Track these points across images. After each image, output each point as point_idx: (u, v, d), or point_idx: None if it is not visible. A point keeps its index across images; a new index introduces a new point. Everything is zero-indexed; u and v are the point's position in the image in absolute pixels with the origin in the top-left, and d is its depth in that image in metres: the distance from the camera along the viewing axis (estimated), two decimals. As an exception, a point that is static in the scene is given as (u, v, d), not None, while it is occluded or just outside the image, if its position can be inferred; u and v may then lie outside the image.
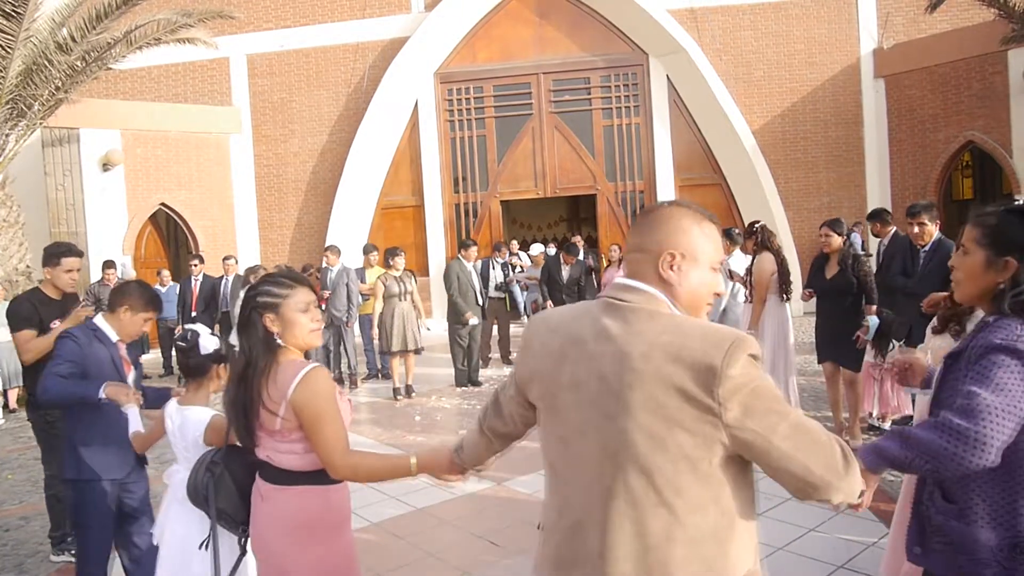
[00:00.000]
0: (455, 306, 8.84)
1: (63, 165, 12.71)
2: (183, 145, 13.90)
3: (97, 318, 3.26)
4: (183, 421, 2.66)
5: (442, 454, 1.97)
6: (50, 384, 3.00)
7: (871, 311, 5.60)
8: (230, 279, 9.95)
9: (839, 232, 5.79)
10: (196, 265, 10.19)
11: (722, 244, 1.63)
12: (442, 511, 4.74)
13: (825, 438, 1.42)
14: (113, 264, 10.70)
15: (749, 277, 6.68)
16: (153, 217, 13.88)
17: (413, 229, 14.92)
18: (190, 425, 2.63)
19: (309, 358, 2.21)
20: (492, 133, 14.77)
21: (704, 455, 1.38)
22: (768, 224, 7.00)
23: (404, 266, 8.64)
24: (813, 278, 5.97)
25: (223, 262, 10.30)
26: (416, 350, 8.52)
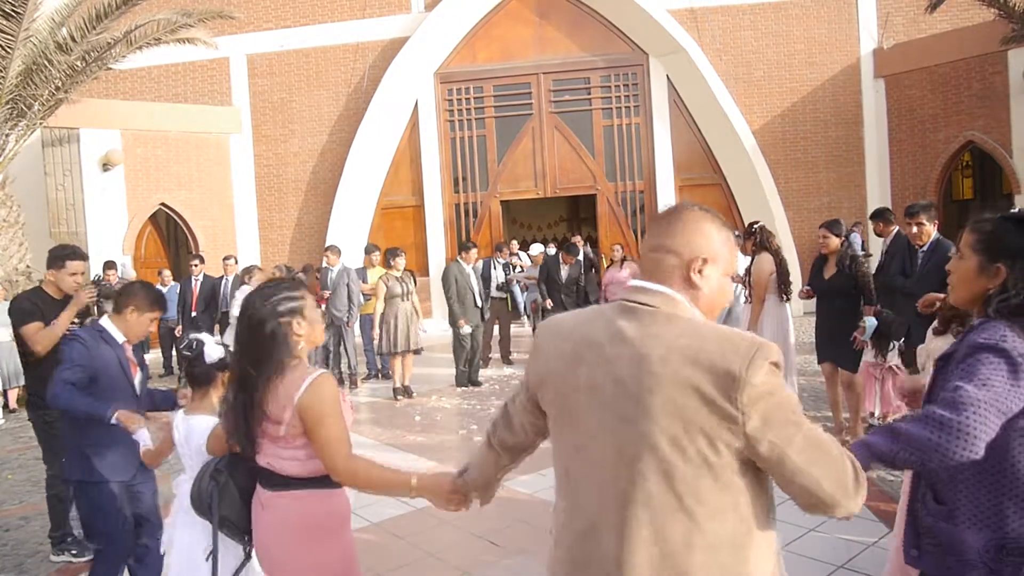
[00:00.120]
0: (451, 310, 8.86)
1: (63, 165, 12.71)
2: (183, 145, 13.89)
3: (103, 319, 3.26)
4: (188, 430, 2.66)
5: (444, 478, 1.95)
6: (60, 392, 3.03)
7: (869, 312, 5.61)
8: (230, 279, 9.95)
9: (837, 233, 5.80)
10: (196, 265, 10.18)
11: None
12: (442, 511, 4.71)
13: (838, 454, 1.42)
14: (114, 265, 10.70)
15: (748, 278, 6.69)
16: (153, 217, 13.88)
17: (413, 229, 14.92)
18: (195, 434, 2.63)
19: (309, 358, 2.22)
20: (492, 133, 14.76)
21: (723, 461, 1.37)
22: (768, 224, 7.01)
23: (404, 266, 8.65)
24: (813, 278, 6.00)
25: (223, 262, 10.30)
26: (416, 350, 8.54)
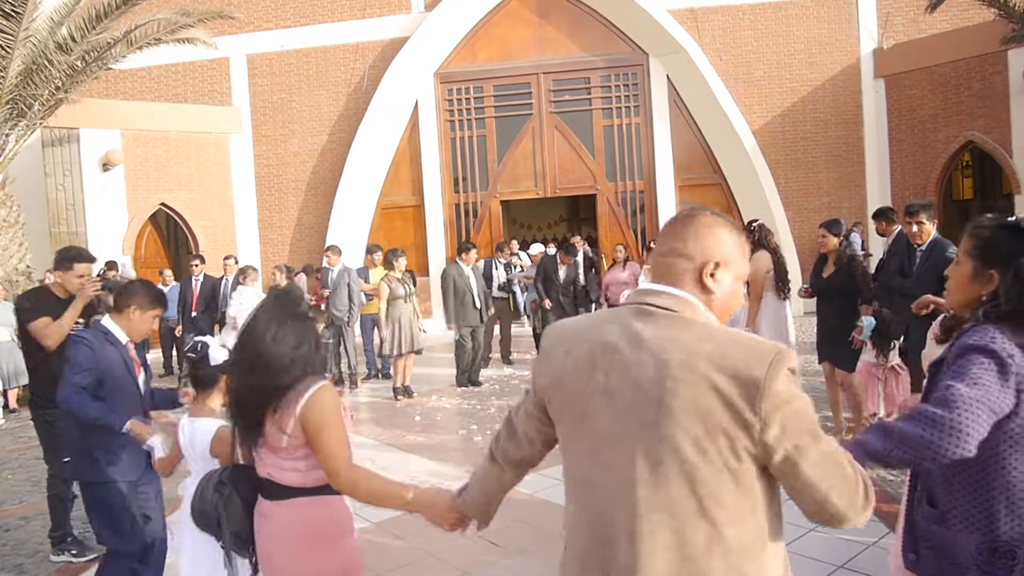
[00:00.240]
0: (446, 313, 8.85)
1: (63, 165, 12.70)
2: (183, 145, 13.89)
3: (105, 320, 3.27)
4: (193, 433, 2.66)
5: (443, 496, 1.92)
6: (71, 396, 3.05)
7: (867, 311, 5.61)
8: (230, 279, 9.95)
9: (836, 233, 5.81)
10: (197, 265, 10.18)
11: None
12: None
13: (851, 472, 1.41)
14: (115, 265, 10.70)
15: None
16: (153, 217, 13.88)
17: (413, 229, 14.92)
18: (199, 436, 2.63)
19: None
20: (492, 133, 14.76)
21: (744, 466, 1.37)
22: (768, 224, 7.01)
23: (405, 267, 8.65)
24: (813, 277, 6.02)
25: (223, 262, 10.30)
26: (417, 351, 8.55)
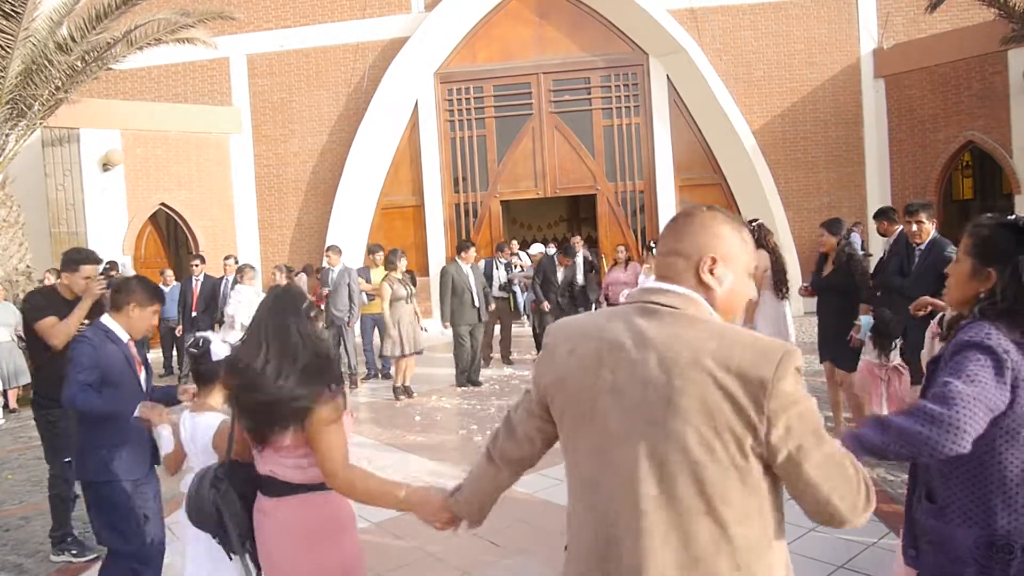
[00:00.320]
0: (443, 312, 8.85)
1: (63, 165, 12.71)
2: (183, 145, 13.89)
3: (104, 318, 3.28)
4: (194, 428, 2.66)
5: (435, 495, 1.90)
6: (77, 393, 3.05)
7: (865, 310, 5.61)
8: (231, 279, 9.96)
9: (834, 232, 5.81)
10: (197, 265, 10.18)
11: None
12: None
13: (853, 473, 1.41)
14: (116, 265, 10.70)
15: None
16: (153, 217, 13.88)
17: (413, 229, 14.92)
18: (200, 431, 2.63)
19: None
20: (492, 133, 14.76)
21: (749, 465, 1.37)
22: (768, 224, 7.01)
23: (406, 267, 8.65)
24: (814, 276, 6.03)
25: (224, 262, 10.29)
26: (418, 351, 8.54)
